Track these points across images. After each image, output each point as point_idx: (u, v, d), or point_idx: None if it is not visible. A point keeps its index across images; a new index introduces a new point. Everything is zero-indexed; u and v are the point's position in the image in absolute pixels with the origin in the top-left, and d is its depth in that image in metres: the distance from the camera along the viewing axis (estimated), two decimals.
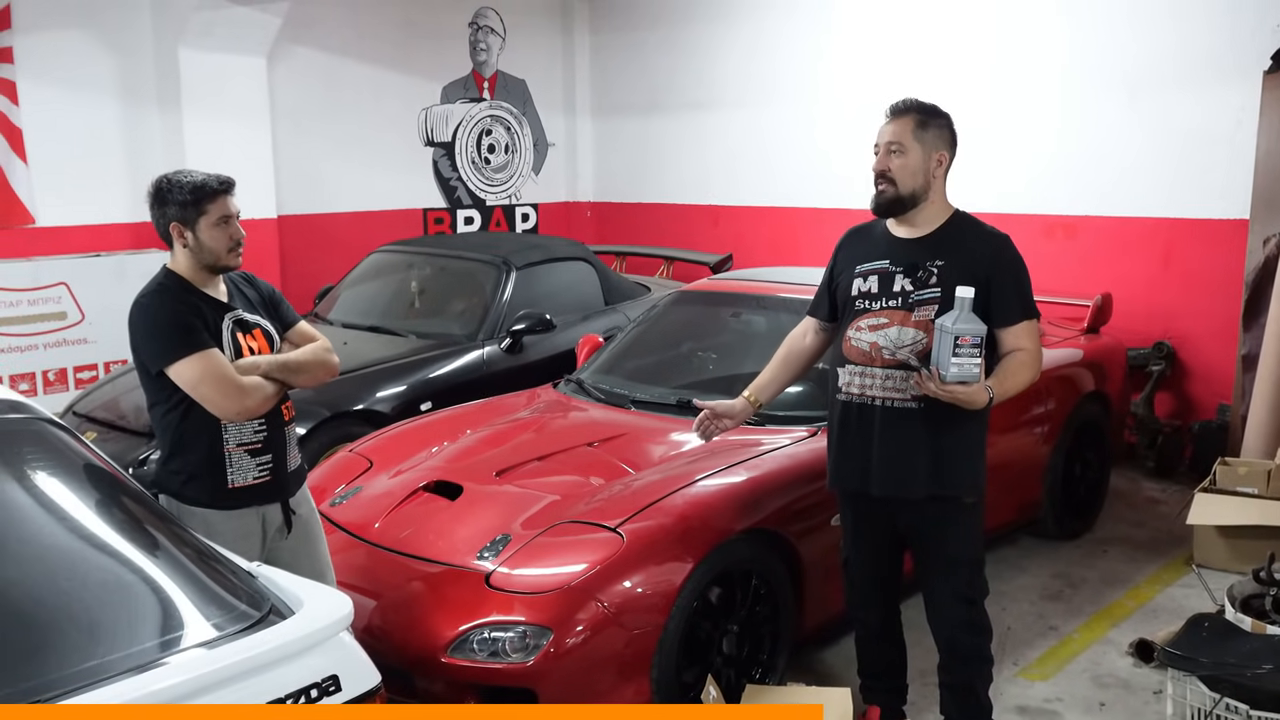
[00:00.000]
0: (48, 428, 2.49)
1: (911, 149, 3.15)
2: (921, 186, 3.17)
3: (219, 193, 3.03)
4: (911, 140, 3.15)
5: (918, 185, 3.17)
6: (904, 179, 3.16)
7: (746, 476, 3.82)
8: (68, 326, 6.79)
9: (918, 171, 3.15)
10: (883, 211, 3.25)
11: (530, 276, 6.29)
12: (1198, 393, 6.59)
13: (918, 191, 3.17)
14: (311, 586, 2.35)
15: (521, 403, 4.86)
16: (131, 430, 5.01)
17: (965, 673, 3.39)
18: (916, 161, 3.15)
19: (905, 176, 3.15)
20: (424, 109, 8.96)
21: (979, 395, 3.02)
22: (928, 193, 3.19)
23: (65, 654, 1.96)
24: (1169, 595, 4.82)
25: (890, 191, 3.18)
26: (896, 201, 3.18)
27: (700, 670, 3.52)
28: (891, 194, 3.18)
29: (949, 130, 3.22)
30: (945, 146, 3.20)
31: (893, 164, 3.16)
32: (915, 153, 3.15)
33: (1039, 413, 5.03)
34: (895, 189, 3.17)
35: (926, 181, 3.17)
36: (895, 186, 3.17)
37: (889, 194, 3.18)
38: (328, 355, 3.28)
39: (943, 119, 3.22)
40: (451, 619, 3.31)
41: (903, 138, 3.16)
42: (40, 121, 6.82)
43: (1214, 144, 6.27)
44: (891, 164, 3.16)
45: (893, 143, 3.17)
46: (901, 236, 3.25)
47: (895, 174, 3.16)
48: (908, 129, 3.16)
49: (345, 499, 4.04)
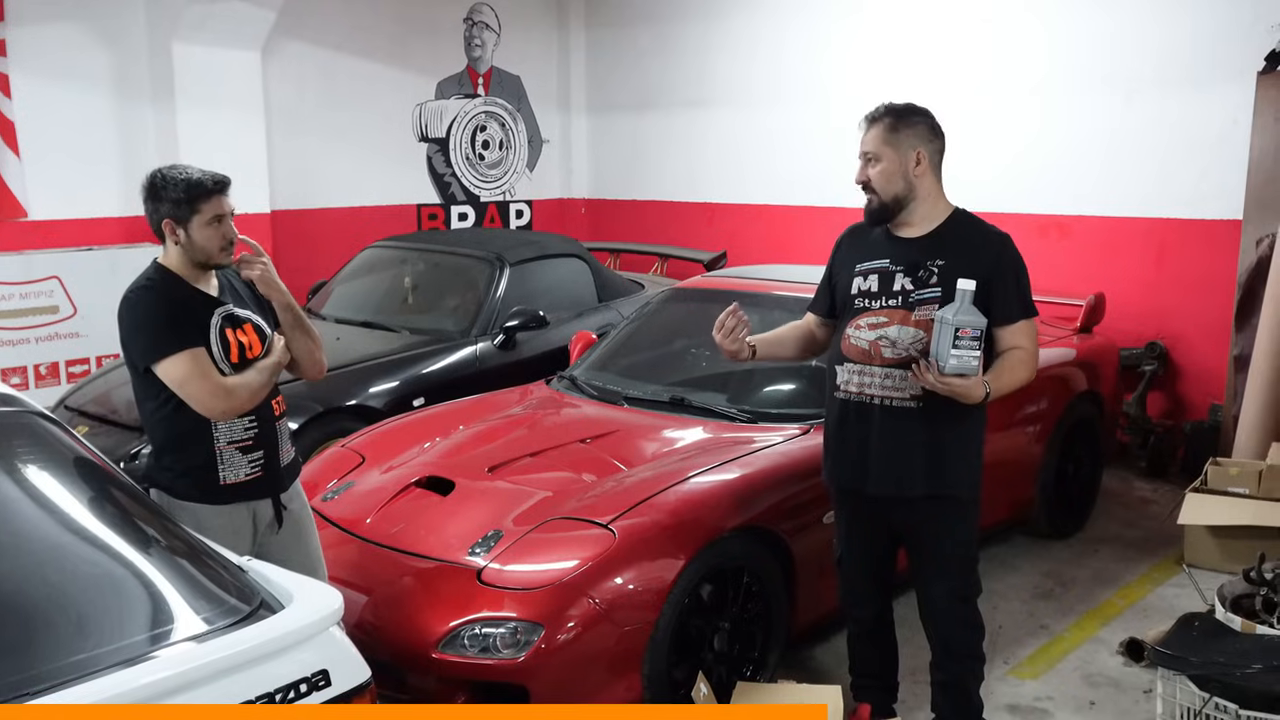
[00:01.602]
0: (38, 421, 2.49)
1: (885, 155, 3.16)
2: (904, 189, 3.18)
3: (214, 192, 3.01)
4: (883, 146, 3.16)
5: (899, 189, 3.18)
6: (883, 186, 3.18)
7: (739, 473, 3.82)
8: (60, 320, 6.77)
9: (895, 176, 3.16)
10: (873, 220, 3.26)
11: (524, 273, 6.28)
12: (1190, 393, 6.60)
13: (901, 195, 3.18)
14: (302, 581, 2.34)
15: (514, 399, 4.86)
16: (123, 425, 5.00)
17: (957, 671, 3.39)
18: (893, 166, 3.16)
19: (884, 183, 3.17)
20: (418, 104, 8.94)
21: (976, 389, 3.02)
22: (914, 193, 3.19)
23: (55, 647, 1.95)
24: (1160, 594, 4.84)
25: (875, 200, 3.21)
26: (883, 209, 3.21)
27: (691, 667, 3.52)
28: (876, 203, 3.21)
29: (925, 127, 3.20)
30: (923, 144, 3.17)
31: (870, 173, 3.19)
32: (889, 158, 3.16)
33: (1032, 412, 5.04)
34: (879, 197, 3.20)
35: (909, 183, 3.17)
36: (878, 195, 3.19)
37: (874, 203, 3.22)
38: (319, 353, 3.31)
39: (917, 117, 3.20)
40: (443, 615, 3.31)
41: (874, 146, 3.18)
42: (33, 114, 6.79)
43: (1208, 144, 6.28)
44: (869, 173, 3.19)
45: (866, 152, 3.20)
46: (901, 236, 3.25)
47: (875, 183, 3.18)
48: (879, 137, 3.18)
49: (337, 494, 4.03)
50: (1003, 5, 7.10)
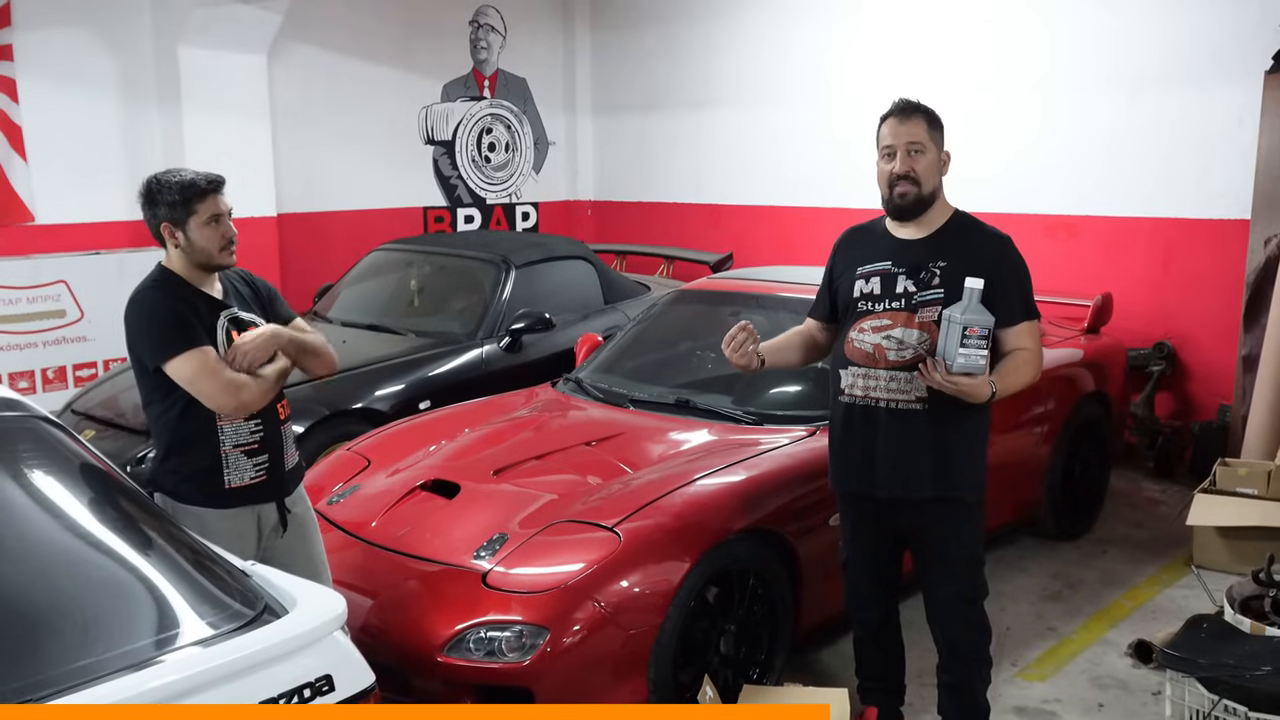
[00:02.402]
0: (43, 426, 2.49)
1: (929, 148, 3.16)
2: (938, 185, 3.20)
3: (208, 192, 3.02)
4: (928, 139, 3.16)
5: (936, 184, 3.19)
6: (927, 178, 3.16)
7: (745, 476, 3.81)
8: (67, 324, 6.79)
9: (935, 170, 3.18)
10: (908, 213, 3.20)
11: (530, 275, 6.28)
12: (1198, 393, 6.58)
13: (935, 190, 3.20)
14: (306, 586, 2.34)
15: (520, 402, 4.86)
16: (130, 428, 5.01)
17: (964, 673, 3.38)
18: (934, 160, 3.17)
19: (928, 176, 3.16)
20: (424, 107, 8.95)
21: (982, 388, 3.02)
22: (938, 192, 3.21)
23: (60, 652, 1.95)
24: (1168, 596, 4.82)
25: (914, 192, 3.15)
26: (919, 202, 3.17)
27: (697, 670, 3.52)
28: (915, 194, 3.15)
29: (943, 130, 3.24)
30: (945, 146, 3.23)
31: (917, 164, 3.14)
32: (932, 152, 3.17)
33: (1039, 412, 5.02)
34: (919, 189, 3.15)
35: (939, 181, 3.20)
36: (919, 187, 3.15)
37: (912, 195, 3.15)
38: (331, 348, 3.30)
39: (939, 118, 3.24)
40: (448, 618, 3.30)
41: (920, 136, 3.15)
42: (40, 119, 6.81)
43: (1215, 144, 6.26)
44: (916, 165, 3.14)
45: (914, 143, 3.14)
46: (903, 237, 3.25)
47: (920, 174, 3.14)
48: (922, 128, 3.16)
49: (343, 498, 4.03)
50: (1006, 4, 7.08)
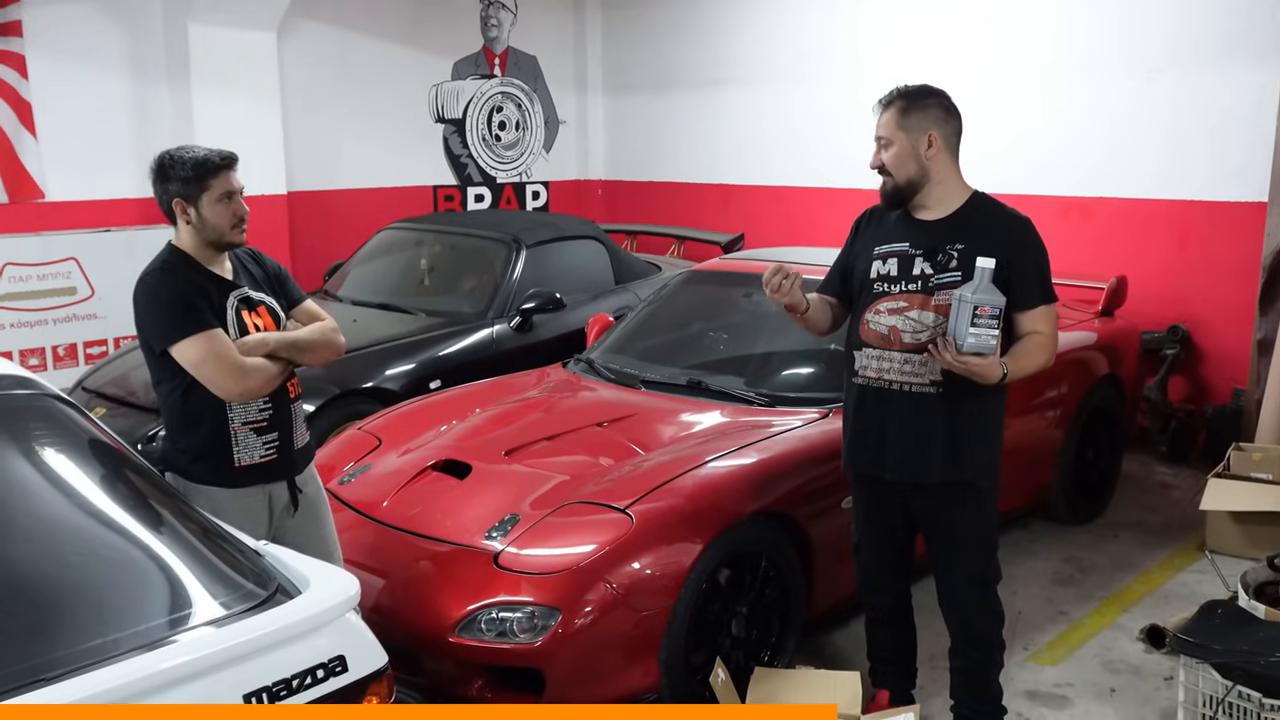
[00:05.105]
0: (54, 404, 2.49)
1: (896, 139, 3.16)
2: (917, 172, 3.16)
3: (221, 168, 3.01)
4: (895, 130, 3.16)
5: (912, 172, 3.17)
6: (897, 169, 3.17)
7: (757, 458, 3.80)
8: (77, 301, 6.80)
9: (907, 159, 3.15)
10: (888, 203, 3.26)
11: (540, 255, 6.26)
12: (1212, 377, 6.53)
13: (914, 178, 3.17)
14: (319, 566, 2.34)
15: (531, 382, 4.84)
16: (141, 406, 5.01)
17: (976, 657, 3.37)
18: (904, 150, 3.15)
19: (897, 166, 3.17)
20: (434, 85, 8.91)
21: (993, 369, 3.00)
22: (928, 175, 3.17)
23: (73, 632, 1.95)
24: (1181, 581, 4.80)
25: (889, 183, 3.21)
26: (897, 191, 3.21)
27: (709, 652, 3.51)
28: (890, 184, 3.21)
29: (939, 108, 3.17)
30: (935, 126, 3.15)
31: (884, 157, 3.19)
32: (900, 142, 3.15)
33: (1052, 396, 4.99)
34: (893, 179, 3.19)
35: (921, 166, 3.16)
36: (892, 178, 3.19)
37: (889, 185, 3.21)
38: (334, 335, 3.27)
39: (930, 99, 3.18)
40: (460, 599, 3.30)
41: (887, 131, 3.18)
42: (49, 96, 6.80)
43: (1232, 126, 6.19)
44: (883, 158, 3.20)
45: (880, 137, 3.20)
46: (920, 219, 3.22)
47: (890, 166, 3.19)
48: (891, 121, 3.17)
49: (354, 477, 4.03)
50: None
